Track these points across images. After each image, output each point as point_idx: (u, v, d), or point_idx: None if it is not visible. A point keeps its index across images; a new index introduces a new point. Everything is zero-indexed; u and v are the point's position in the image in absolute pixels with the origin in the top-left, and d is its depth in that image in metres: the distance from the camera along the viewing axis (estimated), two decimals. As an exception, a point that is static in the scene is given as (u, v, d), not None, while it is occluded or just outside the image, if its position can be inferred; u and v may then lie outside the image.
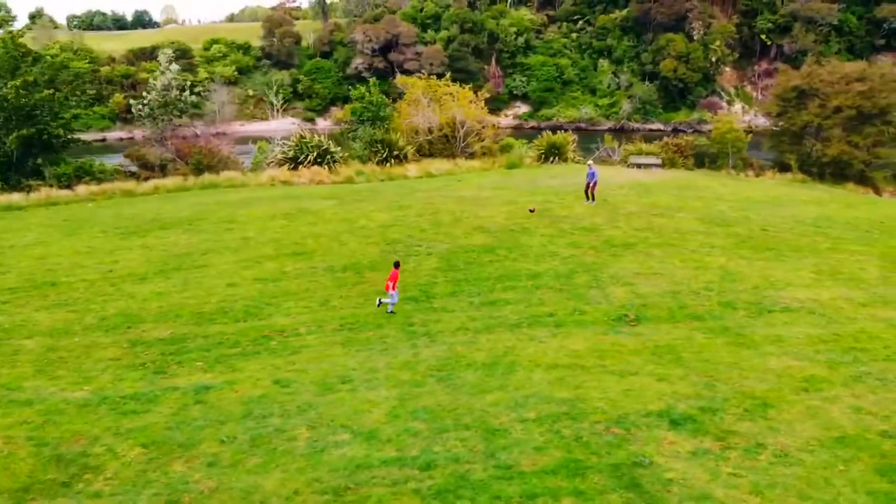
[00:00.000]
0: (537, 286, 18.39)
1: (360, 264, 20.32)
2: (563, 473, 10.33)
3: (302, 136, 41.18)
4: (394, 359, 14.41)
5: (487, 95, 48.71)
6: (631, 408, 12.19)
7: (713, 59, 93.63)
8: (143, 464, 10.83)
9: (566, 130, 49.25)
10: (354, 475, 10.33)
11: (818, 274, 19.27)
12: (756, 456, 10.81)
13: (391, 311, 16.68)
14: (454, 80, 49.87)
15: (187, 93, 46.51)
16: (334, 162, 39.93)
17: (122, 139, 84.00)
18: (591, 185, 26.36)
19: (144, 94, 45.52)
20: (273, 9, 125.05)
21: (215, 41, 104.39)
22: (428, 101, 44.97)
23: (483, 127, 45.08)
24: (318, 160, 40.02)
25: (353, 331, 15.93)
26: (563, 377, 13.42)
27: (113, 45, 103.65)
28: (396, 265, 16.73)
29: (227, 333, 15.88)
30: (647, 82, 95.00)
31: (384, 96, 48.79)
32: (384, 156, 41.92)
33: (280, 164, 40.14)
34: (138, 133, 64.01)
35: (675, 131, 79.42)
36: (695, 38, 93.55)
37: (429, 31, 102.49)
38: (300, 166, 39.48)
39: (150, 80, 46.42)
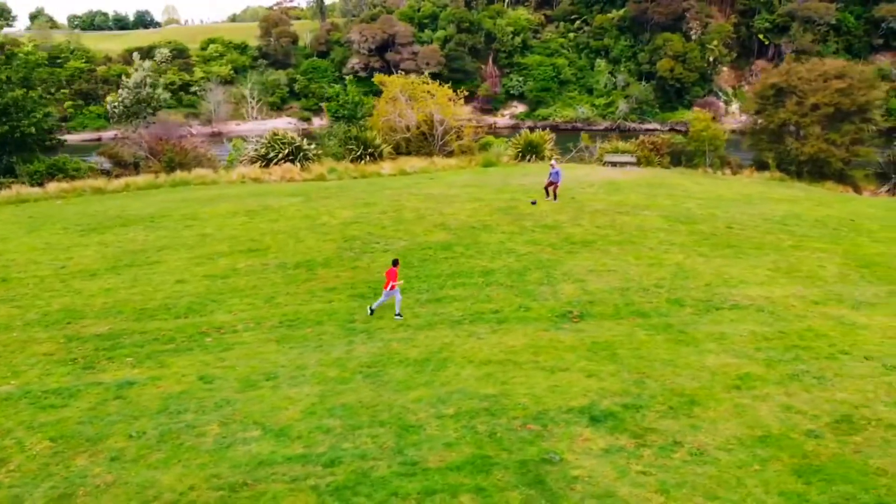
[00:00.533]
0: (488, 283, 18.19)
1: (314, 261, 20.12)
2: (468, 470, 10.13)
3: (274, 134, 40.89)
4: (326, 356, 14.23)
5: (466, 93, 48.26)
6: (553, 404, 11.98)
7: (710, 59, 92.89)
8: (47, 457, 10.72)
9: (544, 129, 48.86)
10: (255, 471, 10.16)
11: (775, 271, 18.99)
12: (670, 454, 10.57)
13: (398, 316, 16.08)
14: (451, 80, 49.46)
15: (160, 89, 46.35)
16: (307, 160, 39.62)
17: (116, 138, 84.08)
18: (554, 183, 26.06)
19: (118, 91, 45.50)
20: (270, 8, 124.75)
21: (212, 41, 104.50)
22: (406, 100, 44.65)
23: (461, 125, 44.74)
24: (290, 157, 39.71)
25: (292, 328, 15.74)
26: (492, 373, 13.21)
27: (111, 44, 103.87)
28: (395, 263, 16.16)
29: (165, 329, 15.72)
30: (643, 82, 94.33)
31: (363, 95, 48.40)
32: (359, 153, 41.66)
33: (252, 161, 39.85)
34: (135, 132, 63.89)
35: (672, 131, 78.78)
36: (692, 37, 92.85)
37: (426, 30, 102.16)
38: (272, 164, 39.23)
39: (124, 78, 46.39)
